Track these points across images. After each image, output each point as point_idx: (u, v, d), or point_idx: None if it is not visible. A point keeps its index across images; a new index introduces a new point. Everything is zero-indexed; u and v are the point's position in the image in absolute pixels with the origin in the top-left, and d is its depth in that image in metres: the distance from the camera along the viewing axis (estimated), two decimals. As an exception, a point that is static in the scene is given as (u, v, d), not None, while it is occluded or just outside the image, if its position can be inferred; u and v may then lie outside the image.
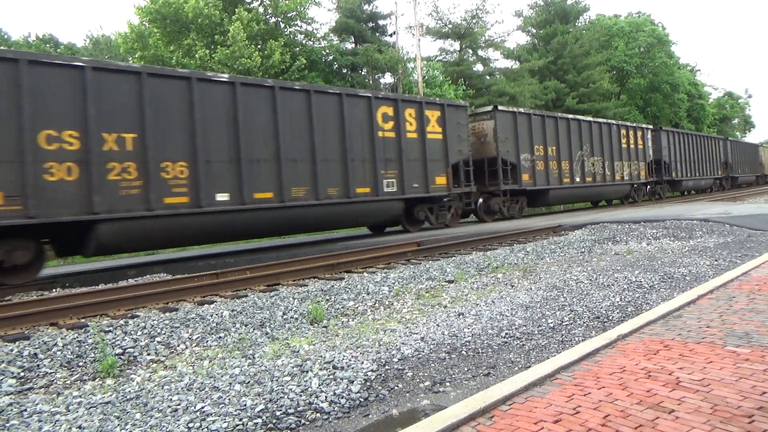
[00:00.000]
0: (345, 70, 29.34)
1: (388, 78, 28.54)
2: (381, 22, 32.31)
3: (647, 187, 27.90)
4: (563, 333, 5.05)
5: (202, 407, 3.60)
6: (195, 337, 5.48)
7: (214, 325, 5.80)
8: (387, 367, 4.30)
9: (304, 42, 27.71)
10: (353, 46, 31.02)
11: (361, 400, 3.74)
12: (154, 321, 5.90)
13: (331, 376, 4.05)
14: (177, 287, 7.64)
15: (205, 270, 9.68)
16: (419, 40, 27.36)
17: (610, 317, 5.48)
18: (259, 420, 3.42)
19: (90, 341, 5.23)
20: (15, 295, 8.81)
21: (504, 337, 4.98)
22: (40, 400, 3.94)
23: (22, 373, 4.56)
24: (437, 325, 5.43)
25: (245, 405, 3.60)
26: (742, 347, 3.90)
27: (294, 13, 25.88)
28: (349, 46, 31.16)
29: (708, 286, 6.01)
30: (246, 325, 5.81)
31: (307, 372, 4.16)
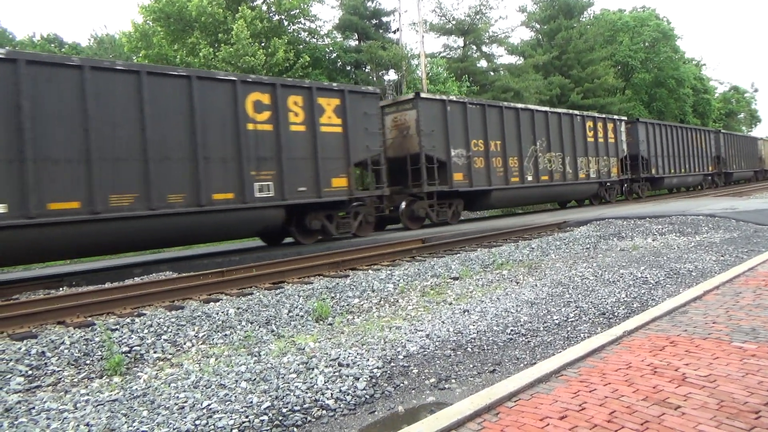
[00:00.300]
0: (349, 68, 29.34)
1: (392, 75, 28.49)
2: (384, 19, 32.31)
3: (622, 185, 25.15)
4: (568, 329, 5.05)
5: (209, 404, 3.62)
6: (201, 334, 5.51)
7: (220, 322, 5.82)
8: (392, 364, 4.31)
9: (307, 39, 27.72)
10: (357, 43, 31.02)
11: (367, 397, 3.76)
12: (160, 319, 5.93)
13: (336, 374, 4.06)
14: (183, 285, 7.69)
15: (211, 268, 9.73)
16: (423, 36, 27.26)
17: (616, 313, 5.47)
18: (265, 417, 3.44)
19: (97, 339, 5.27)
20: (23, 294, 8.89)
21: (509, 333, 4.98)
22: (48, 398, 3.98)
23: (30, 372, 4.60)
24: (442, 322, 5.43)
25: (251, 402, 3.62)
26: (749, 343, 3.88)
27: (297, 10, 25.86)
28: (353, 43, 31.17)
29: (714, 281, 5.98)
30: (252, 323, 5.84)
31: (312, 369, 4.17)
